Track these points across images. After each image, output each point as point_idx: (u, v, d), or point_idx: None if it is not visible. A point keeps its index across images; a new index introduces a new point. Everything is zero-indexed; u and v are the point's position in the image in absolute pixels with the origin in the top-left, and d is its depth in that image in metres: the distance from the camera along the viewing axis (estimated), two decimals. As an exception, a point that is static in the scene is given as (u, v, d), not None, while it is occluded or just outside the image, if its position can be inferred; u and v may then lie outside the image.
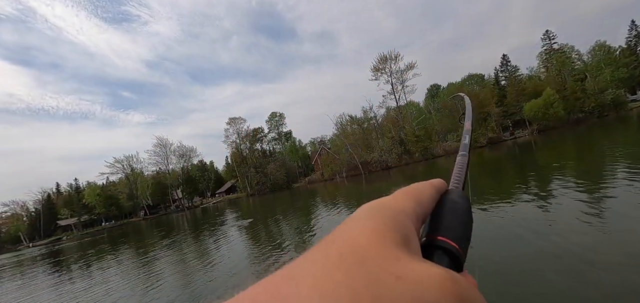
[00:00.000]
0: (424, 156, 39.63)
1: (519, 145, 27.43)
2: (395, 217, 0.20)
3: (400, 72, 47.48)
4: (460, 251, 0.24)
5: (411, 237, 0.20)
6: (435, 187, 0.28)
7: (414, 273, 0.15)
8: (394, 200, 0.23)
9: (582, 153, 12.97)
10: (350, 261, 0.16)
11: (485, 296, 0.18)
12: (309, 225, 10.05)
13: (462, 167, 0.39)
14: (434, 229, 0.25)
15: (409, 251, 0.18)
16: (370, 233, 0.18)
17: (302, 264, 0.16)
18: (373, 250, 0.16)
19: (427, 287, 0.15)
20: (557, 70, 45.00)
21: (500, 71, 49.54)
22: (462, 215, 0.27)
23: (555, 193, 6.63)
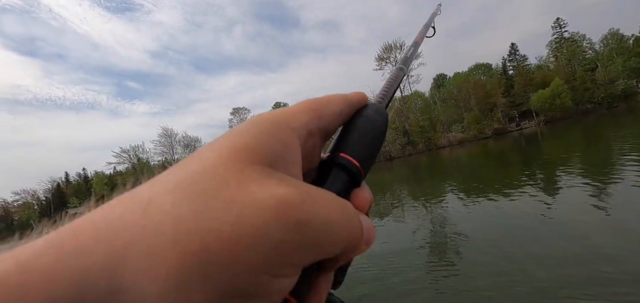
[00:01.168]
0: (427, 147, 39.44)
1: (525, 137, 27.14)
2: (270, 131, 0.18)
3: (406, 62, 46.86)
4: (360, 168, 0.23)
5: (287, 154, 0.18)
6: (349, 101, 0.26)
7: (250, 197, 0.14)
8: (284, 112, 0.21)
9: (590, 145, 12.74)
10: (187, 185, 0.15)
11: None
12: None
13: (393, 81, 0.34)
14: (337, 145, 0.24)
15: (271, 170, 0.17)
16: (226, 151, 0.16)
17: (149, 184, 0.15)
18: (219, 171, 0.15)
19: (259, 211, 0.14)
20: (567, 59, 43.98)
21: (508, 60, 48.60)
22: (372, 132, 0.26)
23: (559, 186, 6.57)
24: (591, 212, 4.67)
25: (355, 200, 0.22)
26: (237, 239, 0.13)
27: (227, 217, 0.14)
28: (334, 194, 0.19)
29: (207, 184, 0.15)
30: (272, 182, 0.16)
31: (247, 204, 0.14)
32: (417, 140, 40.66)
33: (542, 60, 52.94)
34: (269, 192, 0.15)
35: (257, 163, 0.16)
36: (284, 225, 0.14)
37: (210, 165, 0.16)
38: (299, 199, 0.15)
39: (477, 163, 16.17)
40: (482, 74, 52.13)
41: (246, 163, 0.16)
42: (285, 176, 0.17)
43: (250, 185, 0.15)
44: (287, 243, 0.14)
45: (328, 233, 0.16)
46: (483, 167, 14.34)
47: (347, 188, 0.23)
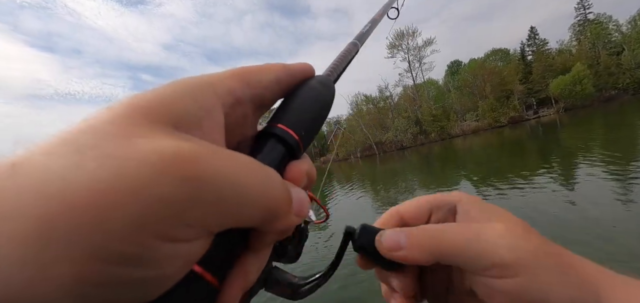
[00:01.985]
0: (440, 136, 38.85)
1: (543, 125, 26.28)
2: (186, 92, 0.17)
3: (418, 49, 45.91)
4: (298, 139, 0.22)
5: (204, 117, 0.17)
6: (289, 70, 0.24)
7: (132, 151, 0.13)
8: (209, 76, 0.19)
9: (613, 133, 12.19)
10: (66, 141, 0.13)
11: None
12: (323, 202, 10.48)
13: (346, 55, 0.33)
14: (275, 116, 0.23)
15: (172, 129, 0.15)
16: (123, 108, 0.15)
17: (34, 145, 0.13)
18: (105, 127, 0.14)
19: (140, 164, 0.13)
20: (591, 43, 41.74)
21: (526, 45, 46.60)
22: (315, 103, 0.25)
23: (579, 177, 6.38)
24: (614, 204, 4.44)
25: (289, 172, 0.21)
26: (110, 196, 0.12)
27: (101, 172, 0.12)
28: (252, 159, 0.17)
29: (87, 140, 0.13)
30: (164, 138, 0.14)
31: (128, 158, 0.13)
32: (429, 130, 40.07)
33: (563, 44, 50.48)
34: (155, 146, 0.13)
35: (157, 122, 0.15)
36: (170, 180, 0.13)
37: (99, 121, 0.14)
38: (193, 154, 0.14)
39: (490, 153, 15.93)
40: (499, 59, 50.26)
41: (142, 121, 0.14)
42: (186, 136, 0.15)
43: (136, 140, 0.13)
44: (175, 200, 0.13)
45: (235, 193, 0.15)
46: (497, 156, 14.13)
47: (282, 160, 0.21)
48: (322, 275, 0.28)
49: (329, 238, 5.96)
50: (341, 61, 0.32)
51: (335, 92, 0.28)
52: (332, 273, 0.27)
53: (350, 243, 0.27)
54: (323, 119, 0.25)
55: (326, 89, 0.26)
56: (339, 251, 0.29)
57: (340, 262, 0.27)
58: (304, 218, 0.20)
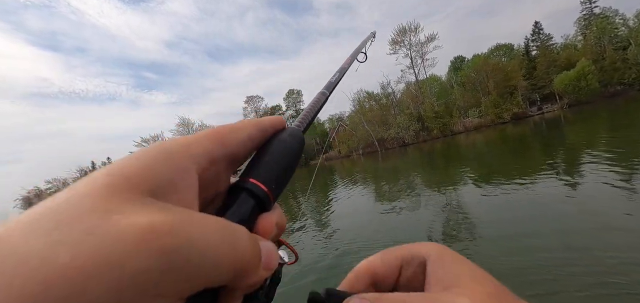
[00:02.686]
0: (442, 133, 38.71)
1: (547, 121, 26.11)
2: (161, 158, 0.18)
3: (421, 45, 45.60)
4: (268, 192, 0.23)
5: (179, 180, 0.18)
6: (261, 126, 0.26)
7: (110, 227, 0.13)
8: (184, 139, 0.20)
9: (618, 129, 12.04)
10: (45, 217, 0.13)
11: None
12: (327, 200, 10.54)
13: (315, 104, 0.35)
14: (247, 171, 0.24)
15: (149, 198, 0.16)
16: (101, 180, 0.15)
17: (13, 220, 0.14)
18: (85, 201, 0.14)
19: (117, 241, 0.13)
20: (597, 37, 41.17)
21: (531, 40, 46.09)
22: (284, 156, 0.26)
23: (582, 174, 6.34)
24: (618, 200, 4.40)
25: (260, 225, 0.22)
26: (88, 273, 0.12)
27: (79, 249, 0.12)
28: (223, 220, 0.18)
29: (66, 215, 0.13)
30: (141, 211, 0.15)
31: (106, 234, 0.13)
32: (431, 126, 39.92)
33: (568, 39, 49.86)
34: (132, 221, 0.14)
35: (135, 191, 0.16)
36: (145, 254, 0.13)
37: (78, 194, 0.15)
38: (166, 227, 0.15)
39: (492, 150, 15.90)
40: (503, 55, 49.82)
41: (121, 192, 0.15)
42: (163, 204, 0.16)
43: (114, 216, 0.14)
44: (150, 272, 0.14)
45: (204, 259, 0.16)
46: (499, 153, 14.11)
47: (253, 213, 0.22)
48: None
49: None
50: (310, 111, 0.34)
51: (304, 142, 0.29)
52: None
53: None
54: (293, 169, 0.26)
55: (295, 140, 0.27)
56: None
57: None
58: (272, 271, 0.20)
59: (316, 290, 0.25)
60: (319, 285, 0.23)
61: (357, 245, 5.00)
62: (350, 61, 0.51)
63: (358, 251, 4.72)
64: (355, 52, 0.56)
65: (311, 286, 3.60)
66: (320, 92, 0.38)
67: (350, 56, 0.54)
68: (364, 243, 5.03)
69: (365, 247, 4.86)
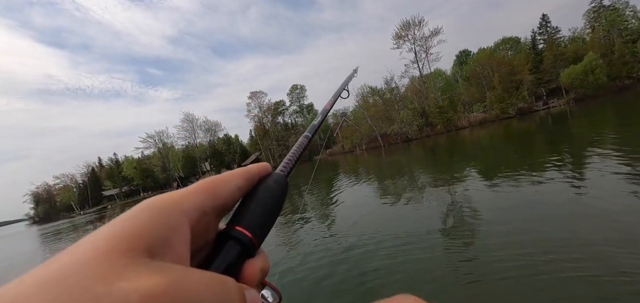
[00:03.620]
0: (446, 128, 38.45)
1: (553, 116, 25.80)
2: (156, 216, 0.19)
3: (425, 39, 45.08)
4: (253, 238, 0.25)
5: (173, 237, 0.19)
6: (248, 175, 0.27)
7: (114, 295, 0.14)
8: (177, 195, 0.22)
9: (626, 124, 11.80)
10: (51, 283, 0.14)
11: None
12: (330, 195, 10.63)
13: (298, 148, 0.37)
14: (233, 218, 0.26)
15: (146, 259, 0.17)
16: (102, 243, 0.16)
17: (16, 282, 0.14)
18: (89, 266, 0.15)
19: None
20: (606, 30, 40.33)
21: (538, 33, 45.33)
22: (267, 201, 0.27)
23: (589, 169, 6.30)
24: (625, 196, 4.34)
25: (245, 272, 0.24)
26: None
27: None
28: (213, 275, 0.19)
29: (72, 282, 0.14)
30: (141, 275, 0.16)
31: (112, 301, 0.14)
32: (435, 121, 39.66)
33: (576, 32, 48.92)
34: (134, 287, 0.15)
35: (134, 252, 0.17)
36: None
37: (81, 259, 0.15)
38: (163, 289, 0.16)
39: (495, 145, 15.81)
40: (510, 48, 49.07)
41: (121, 254, 0.16)
42: (160, 264, 0.17)
43: (117, 282, 0.15)
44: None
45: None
46: (502, 148, 14.03)
47: (239, 259, 0.24)
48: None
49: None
50: (293, 155, 0.35)
51: (288, 187, 0.30)
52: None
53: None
54: (277, 213, 0.28)
55: (279, 186, 0.29)
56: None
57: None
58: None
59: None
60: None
61: (360, 239, 5.09)
62: (332, 102, 0.52)
63: (363, 245, 4.80)
64: (337, 92, 0.58)
65: (313, 281, 3.70)
66: (303, 136, 0.39)
67: (333, 97, 0.55)
68: (368, 238, 5.11)
69: (370, 241, 4.93)
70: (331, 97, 0.56)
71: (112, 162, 75.66)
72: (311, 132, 0.41)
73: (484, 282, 3.06)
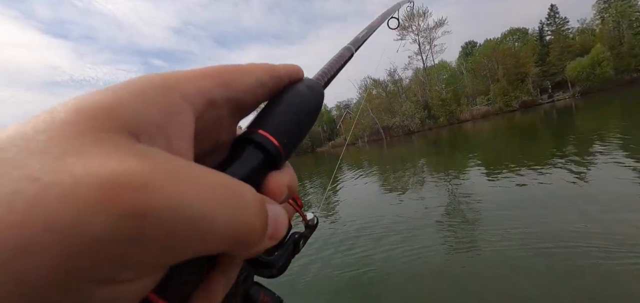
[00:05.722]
0: (449, 121, 38.28)
1: (557, 110, 25.57)
2: (147, 94, 0.14)
3: (429, 30, 44.50)
4: (279, 147, 0.20)
5: (167, 123, 0.14)
6: (274, 72, 0.21)
7: (62, 174, 0.10)
8: (176, 75, 0.16)
9: (633, 119, 11.43)
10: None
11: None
12: (333, 187, 10.82)
13: (339, 59, 0.32)
14: (256, 121, 0.21)
15: (129, 140, 0.12)
16: (68, 112, 0.12)
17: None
18: (38, 137, 0.11)
19: (70, 195, 0.10)
20: (615, 21, 39.39)
21: (546, 24, 44.42)
22: (300, 109, 0.22)
23: (592, 164, 6.19)
24: (630, 191, 4.25)
25: (268, 185, 0.19)
26: (24, 236, 0.09)
27: (18, 200, 0.09)
28: (223, 175, 0.14)
29: (11, 154, 0.10)
30: (110, 154, 0.11)
31: (54, 184, 0.10)
32: (438, 114, 39.45)
33: (585, 23, 47.81)
34: (93, 167, 0.10)
35: (110, 129, 0.12)
36: (103, 217, 0.10)
37: (31, 130, 0.11)
38: (143, 179, 0.11)
39: (497, 138, 15.82)
40: (517, 40, 48.17)
41: (87, 130, 0.11)
42: (143, 147, 0.12)
43: (70, 158, 0.10)
44: (108, 240, 0.10)
45: (195, 226, 0.12)
46: (503, 142, 14.07)
47: (261, 170, 0.19)
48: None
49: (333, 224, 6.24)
50: (333, 65, 0.31)
51: (324, 98, 0.26)
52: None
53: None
54: (309, 126, 0.23)
55: (314, 94, 0.24)
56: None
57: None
58: (278, 240, 0.17)
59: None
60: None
61: (363, 229, 5.28)
62: (380, 21, 0.46)
63: (366, 235, 5.00)
64: (387, 13, 0.50)
65: (316, 274, 3.82)
66: (345, 47, 0.34)
67: (381, 16, 0.48)
68: (373, 224, 5.30)
69: (374, 227, 5.13)
70: (380, 15, 0.48)
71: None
72: (355, 45, 0.36)
73: (484, 269, 3.14)
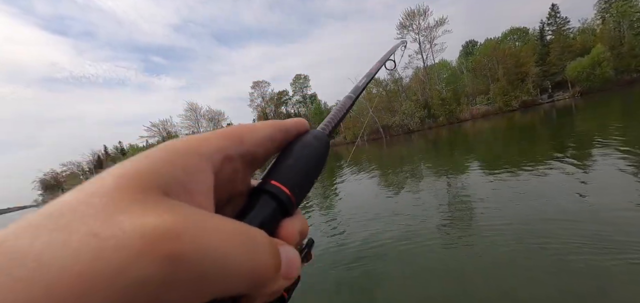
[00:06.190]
0: (449, 120, 38.28)
1: (557, 109, 25.56)
2: (171, 157, 0.17)
3: (430, 29, 44.45)
4: (290, 195, 0.22)
5: (189, 181, 0.17)
6: (283, 127, 0.24)
7: (115, 229, 0.13)
8: (196, 138, 0.19)
9: (633, 119, 11.49)
10: (53, 217, 0.13)
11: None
12: (333, 185, 10.83)
13: (341, 109, 0.34)
14: (269, 172, 0.24)
15: (162, 197, 0.15)
16: (111, 178, 0.15)
17: (26, 218, 0.13)
18: (93, 201, 0.14)
19: (120, 245, 0.12)
20: (616, 21, 39.31)
21: (546, 24, 44.33)
22: (308, 159, 0.25)
23: (590, 164, 6.21)
24: (625, 195, 4.23)
25: (282, 231, 0.21)
26: (89, 280, 0.11)
27: (82, 254, 0.12)
28: (240, 223, 0.17)
29: (73, 216, 0.13)
30: (150, 211, 0.14)
31: (110, 237, 0.12)
32: (438, 113, 39.44)
33: (586, 23, 47.73)
34: (138, 223, 0.13)
35: (147, 189, 0.15)
36: (150, 260, 0.12)
37: (85, 194, 0.14)
38: (175, 230, 0.14)
39: (496, 138, 15.81)
40: (518, 39, 48.08)
41: (130, 191, 0.14)
42: (175, 203, 0.15)
43: (119, 216, 0.13)
44: (154, 282, 0.13)
45: (219, 267, 0.14)
46: (502, 141, 14.06)
47: (275, 217, 0.21)
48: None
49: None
50: (336, 115, 0.33)
51: (329, 146, 0.28)
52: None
53: None
54: (318, 173, 0.25)
55: (320, 143, 0.26)
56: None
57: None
58: (292, 280, 0.19)
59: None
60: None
61: (363, 226, 5.29)
62: (378, 66, 0.51)
63: (366, 229, 5.01)
64: (384, 58, 0.56)
65: (318, 271, 3.83)
66: (347, 96, 0.37)
67: (379, 61, 0.53)
68: (372, 224, 5.30)
69: (374, 228, 5.13)
70: (377, 61, 0.53)
71: (118, 150, 76.81)
72: (355, 93, 0.39)
73: (481, 263, 3.17)
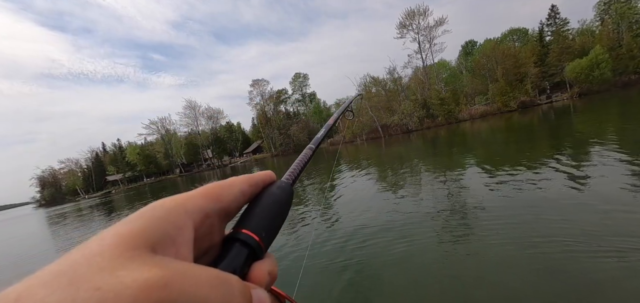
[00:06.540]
0: (447, 120, 38.37)
1: (555, 110, 25.66)
2: (161, 215, 0.21)
3: (429, 29, 44.47)
4: (259, 241, 0.25)
5: (177, 235, 0.21)
6: (252, 181, 0.28)
7: (115, 283, 0.15)
8: (181, 197, 0.23)
9: (630, 120, 11.59)
10: (61, 275, 0.16)
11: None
12: (331, 184, 10.85)
13: (302, 160, 0.39)
14: (239, 222, 0.27)
15: (150, 254, 0.18)
16: (109, 238, 0.18)
17: (35, 275, 0.16)
18: (96, 259, 0.17)
19: (119, 296, 0.15)
20: (615, 23, 39.46)
21: (546, 25, 44.45)
22: (273, 206, 0.28)
23: (587, 164, 6.28)
24: (625, 190, 4.28)
25: (253, 273, 0.24)
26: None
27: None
28: (214, 270, 0.20)
29: (79, 273, 0.16)
30: (142, 266, 0.17)
31: (110, 290, 0.15)
32: (437, 113, 39.52)
33: (585, 24, 47.93)
34: (134, 276, 0.16)
35: (139, 247, 0.18)
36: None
37: (89, 253, 0.17)
38: (163, 281, 0.16)
39: (494, 138, 15.87)
40: (517, 40, 48.21)
41: (125, 249, 0.17)
42: (162, 258, 0.18)
43: (119, 271, 0.16)
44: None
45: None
46: (500, 141, 14.11)
47: (247, 262, 0.24)
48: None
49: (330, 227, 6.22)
50: (298, 165, 0.37)
51: (293, 195, 0.31)
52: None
53: None
54: (282, 219, 0.29)
55: (284, 192, 0.30)
56: None
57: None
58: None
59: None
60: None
61: (363, 225, 5.31)
62: (336, 118, 0.56)
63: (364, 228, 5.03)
64: (342, 109, 0.62)
65: (318, 268, 3.87)
66: (308, 148, 0.42)
67: (337, 113, 0.59)
68: (371, 224, 5.33)
69: (373, 228, 5.16)
70: (335, 113, 0.58)
71: (116, 147, 76.39)
72: (315, 144, 0.43)
73: (478, 261, 3.20)
